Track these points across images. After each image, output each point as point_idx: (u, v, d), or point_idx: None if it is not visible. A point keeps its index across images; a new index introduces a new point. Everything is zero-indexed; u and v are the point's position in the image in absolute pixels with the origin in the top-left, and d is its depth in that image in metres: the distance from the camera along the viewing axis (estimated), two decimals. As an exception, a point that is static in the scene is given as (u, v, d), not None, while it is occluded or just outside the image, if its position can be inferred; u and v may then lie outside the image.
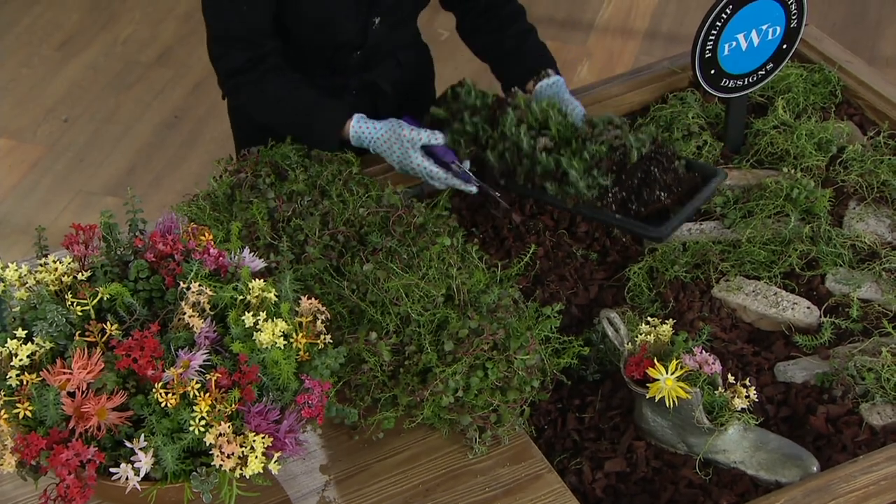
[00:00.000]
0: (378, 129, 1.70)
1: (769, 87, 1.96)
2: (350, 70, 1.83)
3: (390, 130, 1.69)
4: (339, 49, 1.78)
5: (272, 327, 1.24)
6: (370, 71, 1.86)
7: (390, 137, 1.68)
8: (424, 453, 1.40)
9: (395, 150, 1.68)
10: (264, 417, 1.21)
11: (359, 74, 1.84)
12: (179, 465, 1.19)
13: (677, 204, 1.61)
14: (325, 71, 1.82)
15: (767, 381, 1.52)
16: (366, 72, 1.85)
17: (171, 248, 1.31)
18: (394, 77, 1.90)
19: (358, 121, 1.72)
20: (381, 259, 1.50)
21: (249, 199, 1.59)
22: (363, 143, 1.72)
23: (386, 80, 1.88)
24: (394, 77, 1.90)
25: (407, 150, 1.67)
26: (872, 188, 1.76)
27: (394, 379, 1.42)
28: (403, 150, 1.67)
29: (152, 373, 1.19)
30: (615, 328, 1.47)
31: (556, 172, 1.60)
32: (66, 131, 3.45)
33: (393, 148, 1.68)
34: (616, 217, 1.58)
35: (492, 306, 1.44)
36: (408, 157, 1.67)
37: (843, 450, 1.43)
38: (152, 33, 3.84)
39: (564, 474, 1.42)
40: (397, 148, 1.68)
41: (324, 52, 1.79)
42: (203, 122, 3.47)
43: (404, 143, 1.67)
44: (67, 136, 3.43)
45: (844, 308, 1.59)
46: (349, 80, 1.85)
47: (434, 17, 3.14)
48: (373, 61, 1.84)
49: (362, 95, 1.87)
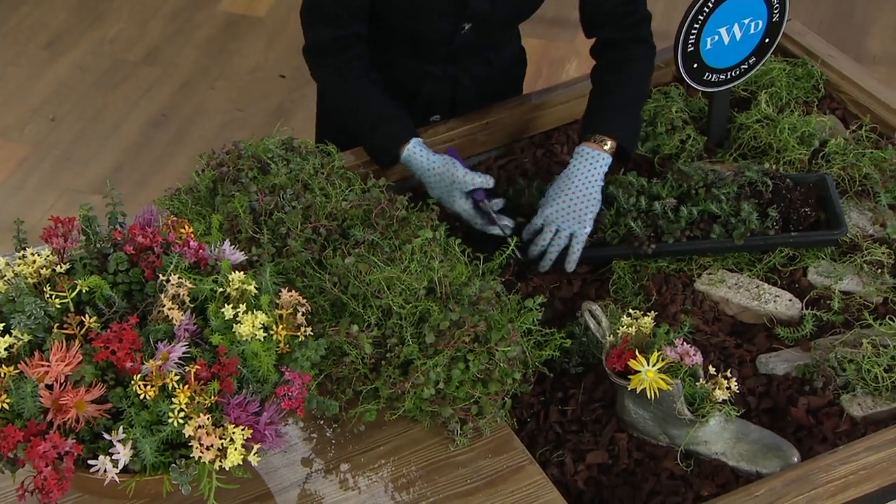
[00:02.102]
0: (431, 162, 1.70)
1: (752, 82, 1.97)
2: (435, 59, 1.83)
3: (444, 167, 1.68)
4: (425, 41, 1.79)
5: (252, 319, 1.24)
6: (455, 65, 1.86)
7: (443, 174, 1.69)
8: (406, 445, 1.40)
9: (443, 188, 1.69)
10: (244, 409, 1.21)
11: (443, 66, 1.84)
12: (158, 458, 1.18)
13: (819, 211, 1.67)
14: (410, 56, 1.83)
15: (749, 373, 1.53)
16: (450, 65, 1.85)
17: (151, 240, 1.31)
18: (479, 73, 1.90)
19: (415, 146, 1.71)
20: (363, 252, 1.50)
21: (231, 193, 1.59)
22: (411, 168, 1.72)
23: (469, 75, 1.88)
24: (479, 73, 1.90)
25: (454, 191, 1.68)
26: (854, 181, 1.77)
27: (375, 371, 1.42)
28: (451, 190, 1.68)
29: (131, 365, 1.19)
30: (597, 321, 1.47)
31: (721, 217, 1.65)
32: (53, 130, 3.44)
33: (442, 185, 1.69)
34: (793, 235, 1.64)
35: (473, 299, 1.44)
36: (452, 197, 1.68)
37: (823, 441, 1.43)
38: (140, 32, 3.83)
39: (547, 466, 1.42)
40: (445, 186, 1.68)
41: (410, 41, 1.79)
42: (190, 121, 3.46)
43: (455, 185, 1.67)
44: (54, 134, 3.42)
45: (826, 300, 1.60)
46: (432, 69, 1.85)
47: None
48: (461, 57, 1.84)
49: (442, 84, 1.87)
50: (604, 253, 1.68)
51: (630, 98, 1.76)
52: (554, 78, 3.51)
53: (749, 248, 1.65)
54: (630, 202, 1.68)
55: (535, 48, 3.48)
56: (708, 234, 1.65)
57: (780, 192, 1.67)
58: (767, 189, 1.67)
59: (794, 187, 1.68)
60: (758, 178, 1.68)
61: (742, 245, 1.63)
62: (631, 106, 1.76)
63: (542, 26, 3.75)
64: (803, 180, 1.70)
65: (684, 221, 1.65)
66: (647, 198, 1.69)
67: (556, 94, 1.99)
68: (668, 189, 1.71)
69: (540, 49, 3.62)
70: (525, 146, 1.95)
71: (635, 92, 1.78)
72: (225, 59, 3.69)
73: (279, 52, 3.74)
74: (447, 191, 1.69)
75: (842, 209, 1.66)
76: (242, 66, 3.68)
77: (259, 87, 3.59)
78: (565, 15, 3.83)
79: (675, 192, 1.71)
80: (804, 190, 1.68)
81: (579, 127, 1.80)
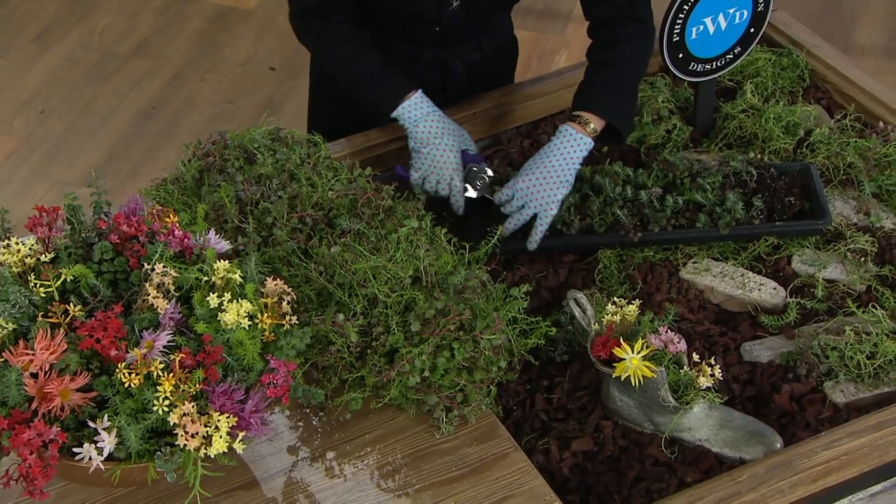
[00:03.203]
0: (435, 111, 1.69)
1: (738, 72, 1.97)
2: (426, 42, 1.82)
3: (445, 119, 1.68)
4: (415, 19, 1.78)
5: (237, 308, 1.25)
6: (447, 49, 1.85)
7: (445, 122, 1.67)
8: (392, 433, 1.41)
9: (439, 135, 1.66)
10: (229, 397, 1.21)
11: (434, 50, 1.84)
12: (143, 445, 1.19)
13: (804, 200, 1.67)
14: (401, 38, 1.82)
15: (734, 361, 1.54)
16: (442, 49, 1.84)
17: (136, 229, 1.31)
18: (471, 59, 1.89)
19: (421, 95, 1.69)
20: (349, 241, 1.51)
21: (218, 183, 1.59)
22: (411, 117, 1.68)
23: (461, 61, 1.87)
24: (471, 59, 1.89)
25: (448, 140, 1.66)
26: (839, 170, 1.77)
27: (361, 360, 1.42)
28: (445, 140, 1.65)
29: (116, 353, 1.19)
30: (582, 309, 1.48)
31: (706, 207, 1.65)
32: (43, 122, 3.43)
33: (439, 132, 1.65)
34: (777, 225, 1.64)
35: (459, 287, 1.45)
36: (442, 148, 1.66)
37: (806, 427, 1.44)
38: (130, 24, 3.82)
39: (532, 454, 1.43)
40: (442, 134, 1.65)
41: (400, 20, 1.78)
42: (180, 113, 3.46)
43: (453, 134, 1.66)
44: (44, 127, 3.41)
45: (810, 288, 1.61)
46: (423, 52, 1.84)
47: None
48: (451, 41, 1.83)
49: (432, 69, 1.86)
50: (590, 241, 1.69)
51: (622, 77, 1.70)
52: (544, 70, 3.51)
53: (734, 237, 1.66)
54: (616, 191, 1.69)
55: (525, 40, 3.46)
56: (693, 224, 1.65)
57: (765, 181, 1.68)
58: (752, 178, 1.68)
59: (779, 177, 1.68)
60: (742, 168, 1.69)
61: (727, 234, 1.64)
62: (623, 84, 1.70)
63: (532, 18, 3.75)
64: (788, 169, 1.71)
65: (670, 210, 1.66)
66: (634, 187, 1.70)
67: (544, 83, 1.99)
68: (654, 179, 1.71)
69: (530, 41, 3.61)
70: (512, 136, 1.95)
71: (628, 71, 1.71)
72: (215, 52, 3.68)
73: (269, 44, 3.74)
74: (440, 139, 1.66)
75: (826, 198, 1.66)
76: (232, 58, 3.67)
77: (249, 80, 3.59)
78: (556, 7, 3.84)
79: (661, 181, 1.71)
80: (788, 179, 1.69)
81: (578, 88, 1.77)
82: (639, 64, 1.74)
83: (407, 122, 1.71)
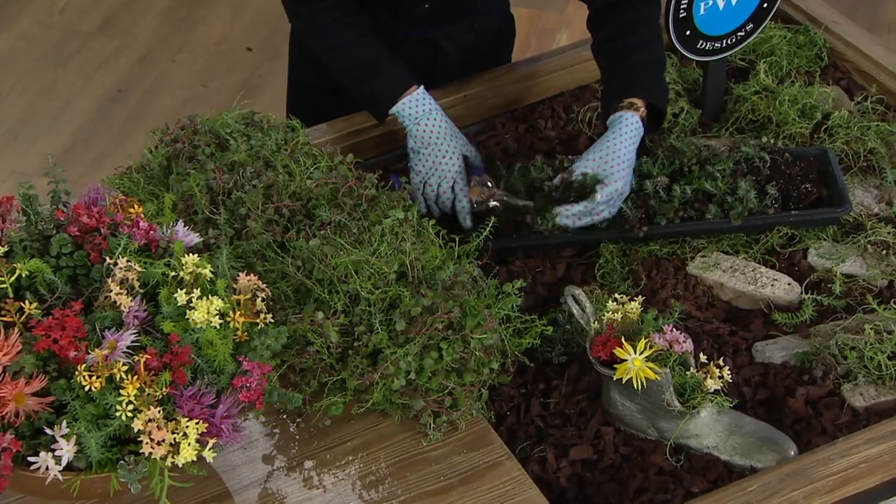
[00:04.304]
0: (438, 110, 1.70)
1: (750, 50, 1.98)
2: (414, 20, 1.83)
3: (448, 121, 1.70)
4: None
5: (207, 305, 1.25)
6: (437, 28, 1.85)
7: (448, 128, 1.69)
8: (375, 441, 1.42)
9: (445, 144, 1.67)
10: (198, 402, 1.22)
11: (423, 28, 1.84)
12: (105, 454, 1.19)
13: (821, 187, 1.68)
14: (387, 15, 1.82)
15: (745, 362, 1.55)
16: (432, 27, 1.85)
17: (97, 221, 1.32)
18: (463, 41, 1.90)
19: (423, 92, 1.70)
20: (328, 234, 1.51)
21: (187, 171, 1.60)
22: (410, 114, 1.69)
23: (452, 42, 1.88)
24: (463, 41, 1.90)
25: (452, 143, 1.68)
26: (859, 156, 1.79)
27: (342, 361, 1.43)
28: (447, 143, 1.67)
29: (75, 354, 1.20)
30: (581, 306, 1.49)
31: (716, 196, 1.66)
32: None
33: (445, 141, 1.67)
34: (793, 214, 1.65)
35: (447, 283, 1.45)
36: (446, 150, 1.68)
37: (823, 433, 1.45)
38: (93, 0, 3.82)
39: (527, 462, 1.44)
40: (448, 142, 1.67)
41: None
42: (150, 96, 3.46)
43: (457, 138, 1.68)
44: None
45: (827, 284, 1.62)
46: (411, 31, 1.85)
47: None
48: (441, 19, 1.84)
49: (420, 50, 1.87)
50: (591, 236, 1.70)
51: (653, 58, 1.75)
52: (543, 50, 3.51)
53: (746, 228, 1.67)
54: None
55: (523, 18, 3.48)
56: (703, 215, 1.66)
57: (779, 167, 1.69)
58: (765, 165, 1.68)
59: (794, 162, 1.69)
60: (755, 154, 1.70)
61: (739, 226, 1.65)
62: (656, 65, 1.75)
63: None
64: (803, 154, 1.72)
65: (677, 201, 1.67)
66: (638, 176, 1.71)
67: (541, 63, 1.99)
68: (660, 167, 1.72)
69: (529, 19, 3.62)
70: (507, 121, 1.96)
71: (657, 53, 1.76)
72: (187, 30, 3.68)
73: (246, 22, 3.74)
74: (443, 140, 1.67)
75: (845, 185, 1.67)
76: (206, 37, 3.68)
77: (224, 61, 3.59)
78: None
79: (667, 169, 1.72)
80: (804, 165, 1.70)
81: (602, 96, 1.79)
82: (661, 45, 1.78)
83: (406, 120, 1.72)
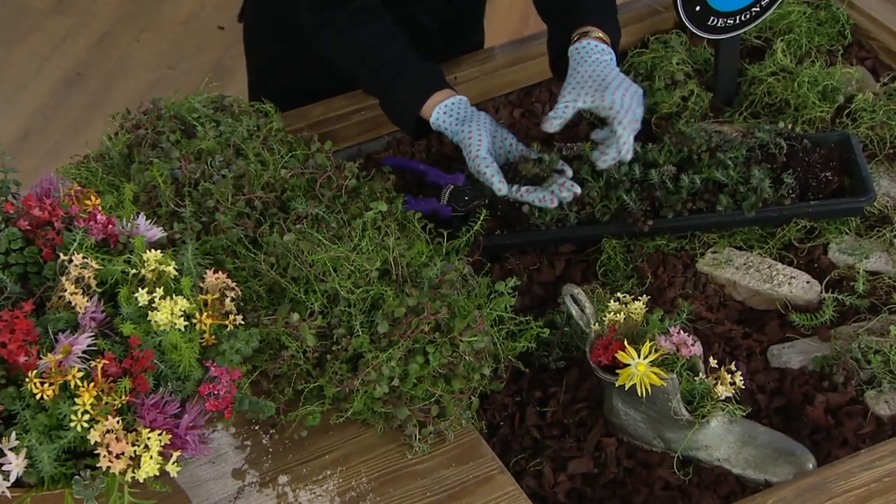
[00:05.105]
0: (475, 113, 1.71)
1: (766, 27, 1.99)
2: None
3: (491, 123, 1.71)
4: None
5: (170, 306, 1.26)
6: (416, 3, 1.87)
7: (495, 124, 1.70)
8: (356, 453, 1.42)
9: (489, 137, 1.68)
10: (161, 411, 1.22)
11: (400, 6, 1.85)
12: (58, 468, 1.19)
13: (842, 175, 1.69)
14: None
15: (759, 367, 1.55)
16: (411, 4, 1.86)
17: (50, 213, 1.32)
18: (442, 16, 1.92)
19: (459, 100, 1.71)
20: (305, 228, 1.52)
21: (150, 160, 1.60)
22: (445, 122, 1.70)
23: (432, 17, 1.90)
24: (442, 16, 1.92)
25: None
26: (885, 143, 1.79)
27: (319, 367, 1.43)
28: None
29: (25, 360, 1.20)
30: (580, 307, 1.49)
31: (728, 186, 1.67)
32: (-54, 92, 3.43)
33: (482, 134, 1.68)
34: (811, 205, 1.66)
35: (434, 282, 1.46)
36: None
37: (844, 444, 1.46)
38: (50, -26, 3.82)
39: (522, 477, 1.44)
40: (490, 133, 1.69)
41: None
42: (111, 79, 3.46)
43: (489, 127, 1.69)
44: (-53, 97, 3.42)
45: (849, 282, 1.63)
46: (390, 8, 1.84)
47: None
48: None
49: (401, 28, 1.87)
50: (592, 232, 1.70)
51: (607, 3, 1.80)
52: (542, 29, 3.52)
53: (761, 221, 1.68)
54: (622, 171, 1.70)
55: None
56: (713, 206, 1.67)
57: (797, 154, 1.69)
58: (781, 151, 1.69)
59: (813, 149, 1.70)
60: (770, 140, 1.70)
61: (753, 218, 1.66)
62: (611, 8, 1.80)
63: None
64: (824, 140, 1.72)
65: (685, 192, 1.68)
66: (642, 165, 1.71)
67: (537, 43, 2.00)
68: (667, 155, 1.73)
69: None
70: (501, 105, 1.96)
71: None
72: (152, 7, 3.69)
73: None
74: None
75: (869, 174, 1.68)
76: (173, 15, 3.68)
77: (193, 41, 3.59)
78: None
79: (675, 157, 1.73)
80: (825, 151, 1.70)
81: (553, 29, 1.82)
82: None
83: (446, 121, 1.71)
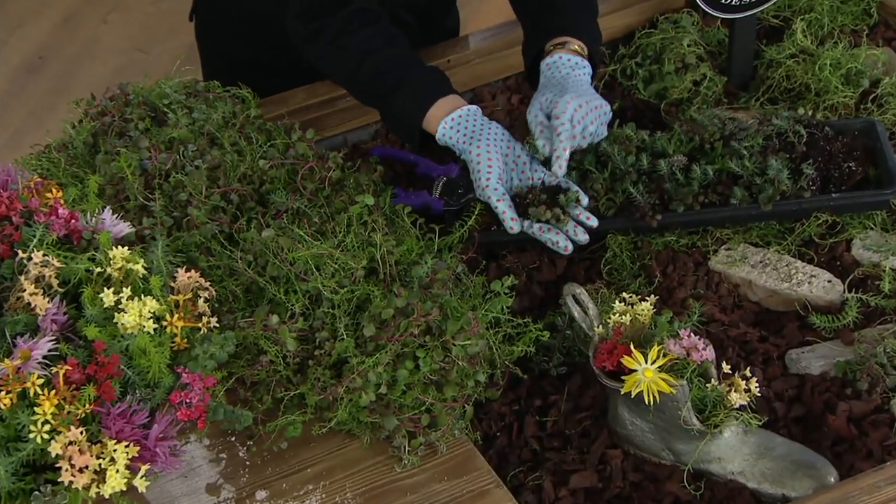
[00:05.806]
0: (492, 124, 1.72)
1: (785, 6, 2.00)
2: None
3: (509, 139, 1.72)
4: None
5: (139, 307, 1.26)
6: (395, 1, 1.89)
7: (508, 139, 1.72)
8: (340, 466, 1.42)
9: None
10: (128, 421, 1.23)
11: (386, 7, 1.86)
12: (17, 483, 1.20)
13: (867, 166, 1.70)
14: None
15: (777, 373, 1.56)
16: (393, 6, 1.88)
17: (7, 207, 1.32)
18: (420, 8, 1.96)
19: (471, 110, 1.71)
20: (285, 223, 1.52)
21: (117, 149, 1.60)
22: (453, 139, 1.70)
23: (408, 10, 1.92)
24: (420, 8, 1.96)
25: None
26: (912, 131, 1.80)
27: (300, 374, 1.44)
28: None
29: (-19, 365, 1.20)
30: (583, 308, 1.50)
31: (743, 178, 1.68)
32: None
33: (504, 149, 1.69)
34: (833, 197, 1.67)
35: (425, 281, 1.46)
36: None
37: (868, 456, 1.46)
38: (10, -50, 3.82)
39: (520, 492, 1.45)
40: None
41: None
42: (76, 63, 3.46)
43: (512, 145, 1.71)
44: None
45: (874, 281, 1.63)
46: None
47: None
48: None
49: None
50: (597, 227, 1.70)
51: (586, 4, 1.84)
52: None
53: (779, 215, 1.68)
54: (629, 162, 1.71)
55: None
56: (727, 200, 1.67)
57: (818, 143, 1.70)
58: (801, 140, 1.70)
59: (836, 137, 1.71)
60: (788, 127, 1.71)
61: (770, 212, 1.66)
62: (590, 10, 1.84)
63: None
64: (847, 128, 1.73)
65: (697, 184, 1.68)
66: (651, 155, 1.72)
67: (536, 23, 2.00)
68: (677, 144, 1.73)
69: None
70: (497, 90, 1.97)
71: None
72: (121, -14, 3.69)
73: (191, -25, 3.74)
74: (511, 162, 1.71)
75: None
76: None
77: (164, 22, 3.59)
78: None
79: (686, 147, 1.73)
80: (848, 140, 1.71)
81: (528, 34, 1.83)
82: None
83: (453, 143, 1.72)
